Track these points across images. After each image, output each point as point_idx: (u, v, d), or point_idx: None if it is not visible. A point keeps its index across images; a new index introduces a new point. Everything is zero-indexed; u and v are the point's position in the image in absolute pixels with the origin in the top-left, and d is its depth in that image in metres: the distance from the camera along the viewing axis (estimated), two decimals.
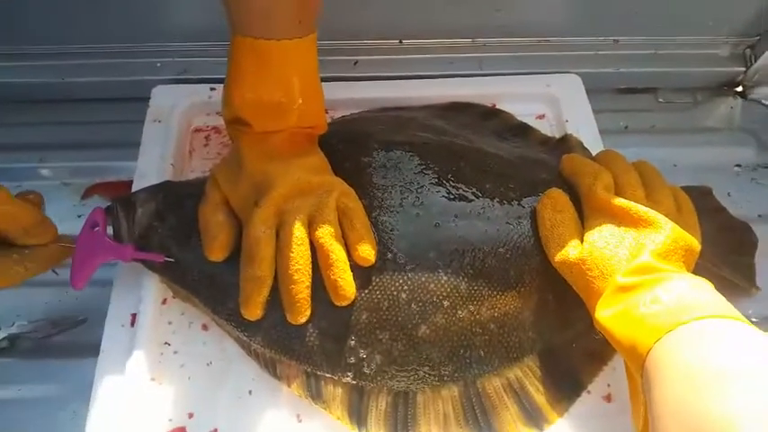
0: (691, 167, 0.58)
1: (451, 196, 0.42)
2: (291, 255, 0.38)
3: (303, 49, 0.41)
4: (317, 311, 0.39)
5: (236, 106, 0.42)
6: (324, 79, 0.57)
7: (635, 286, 0.34)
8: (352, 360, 0.39)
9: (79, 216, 0.51)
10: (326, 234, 0.38)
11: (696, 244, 0.37)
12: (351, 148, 0.45)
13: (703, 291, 0.33)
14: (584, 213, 0.41)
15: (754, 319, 0.49)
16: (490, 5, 0.58)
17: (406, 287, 0.39)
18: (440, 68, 0.60)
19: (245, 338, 0.40)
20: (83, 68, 0.59)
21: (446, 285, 0.40)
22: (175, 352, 0.43)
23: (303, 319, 0.39)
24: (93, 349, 0.42)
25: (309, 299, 0.38)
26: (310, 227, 0.39)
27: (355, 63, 0.61)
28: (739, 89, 0.65)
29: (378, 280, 0.39)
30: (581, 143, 0.52)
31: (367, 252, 0.39)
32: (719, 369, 0.28)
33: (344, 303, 0.39)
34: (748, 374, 0.27)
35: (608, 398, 0.41)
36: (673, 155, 0.59)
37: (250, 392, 0.41)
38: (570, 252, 0.39)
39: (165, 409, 0.40)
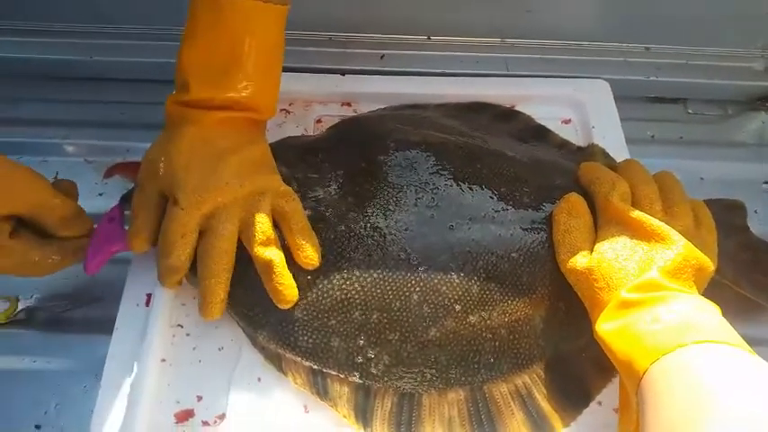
0: (718, 182, 0.57)
1: (466, 198, 0.42)
2: (212, 266, 0.38)
3: (267, 16, 0.40)
4: (326, 309, 0.39)
5: (182, 66, 0.41)
6: (349, 72, 0.58)
7: (638, 303, 0.34)
8: (360, 360, 0.39)
9: (100, 194, 0.52)
10: (260, 243, 0.38)
11: (709, 263, 0.36)
12: (367, 146, 0.44)
13: (706, 313, 0.33)
14: (599, 222, 0.41)
15: None
16: (521, 6, 0.58)
17: (418, 288, 0.39)
18: (466, 67, 0.60)
19: (251, 331, 0.41)
20: (111, 48, 0.60)
21: (458, 289, 0.40)
22: (188, 334, 0.43)
23: (216, 318, 0.40)
24: (107, 326, 0.42)
25: (225, 300, 0.39)
26: (243, 233, 0.39)
27: (382, 57, 0.61)
28: None
29: (390, 280, 0.39)
30: (603, 151, 0.51)
31: (309, 257, 0.39)
32: (714, 399, 0.27)
33: (287, 306, 0.39)
34: (743, 408, 0.27)
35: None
36: (700, 168, 0.58)
37: (259, 379, 0.41)
38: (579, 260, 0.38)
39: (174, 390, 0.41)
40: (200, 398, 0.41)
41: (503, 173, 0.44)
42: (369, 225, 0.41)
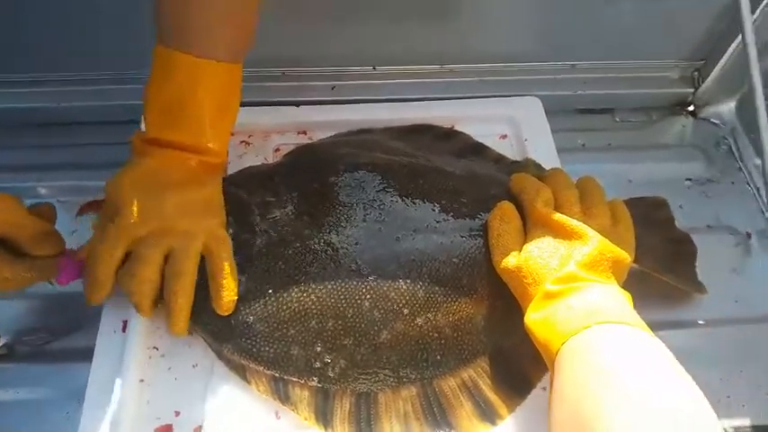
0: (644, 182, 0.63)
1: (410, 212, 0.46)
2: (133, 288, 0.42)
3: (215, 73, 0.45)
4: (285, 320, 0.43)
5: (144, 107, 0.45)
6: (304, 103, 0.63)
7: (558, 293, 0.38)
8: (318, 365, 0.43)
9: (74, 231, 0.55)
10: (172, 284, 0.42)
11: (625, 256, 0.41)
12: (320, 169, 0.49)
13: (613, 300, 0.37)
14: (527, 226, 0.45)
15: (700, 322, 0.53)
16: (457, 34, 0.63)
17: (368, 296, 0.43)
18: (410, 92, 0.65)
19: (216, 346, 0.44)
20: (77, 94, 0.63)
21: (405, 294, 0.44)
22: (163, 355, 0.46)
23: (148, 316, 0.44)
24: (86, 354, 0.45)
25: (150, 311, 0.43)
26: (166, 269, 0.42)
27: (333, 88, 0.65)
28: (691, 108, 0.70)
29: (343, 289, 0.43)
30: (534, 162, 0.56)
31: (222, 305, 0.42)
32: (607, 376, 0.32)
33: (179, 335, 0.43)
34: (634, 385, 0.31)
35: None
36: (628, 170, 0.64)
37: (232, 391, 0.44)
38: (510, 260, 0.43)
39: (153, 407, 0.44)
40: (177, 413, 0.43)
41: (443, 187, 0.49)
42: (322, 241, 0.45)
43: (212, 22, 0.44)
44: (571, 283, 0.39)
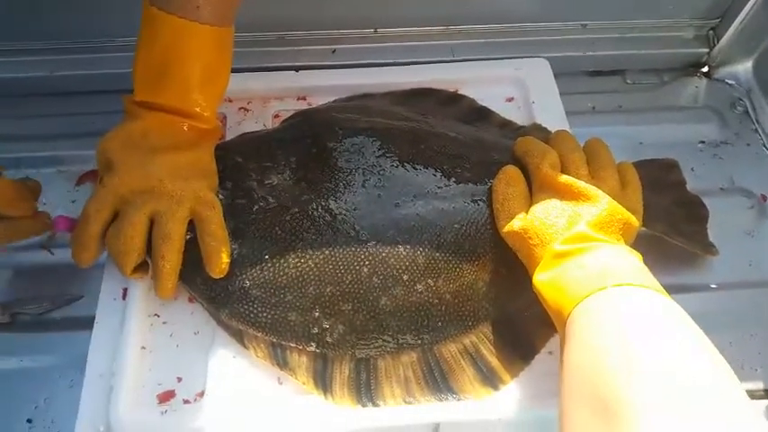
0: (656, 144, 0.61)
1: (410, 177, 0.45)
2: (119, 246, 0.42)
3: (200, 35, 0.44)
4: (283, 286, 0.42)
5: (132, 70, 0.45)
6: (303, 67, 0.61)
7: (568, 253, 0.37)
8: (316, 330, 0.42)
9: (73, 201, 0.55)
10: (159, 247, 0.42)
11: (634, 219, 0.40)
12: (318, 134, 0.47)
13: (626, 260, 0.36)
14: (533, 190, 0.44)
15: (713, 285, 0.52)
16: None
17: (367, 262, 0.43)
18: (414, 55, 0.63)
19: (213, 311, 0.44)
20: (74, 63, 0.62)
21: (405, 260, 0.43)
22: (164, 322, 0.46)
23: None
24: (88, 323, 0.45)
25: (129, 273, 0.43)
26: (153, 228, 0.42)
27: (333, 51, 0.64)
28: (705, 69, 0.67)
29: (342, 255, 0.43)
30: (539, 126, 0.54)
31: (216, 267, 0.42)
32: (618, 339, 0.31)
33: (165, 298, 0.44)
34: (645, 349, 0.30)
35: None
36: (639, 133, 0.62)
37: (234, 357, 0.44)
38: (515, 223, 0.42)
39: (155, 374, 0.44)
40: (180, 379, 0.43)
41: (445, 152, 0.47)
42: (320, 207, 0.44)
43: None
44: (581, 243, 0.37)
